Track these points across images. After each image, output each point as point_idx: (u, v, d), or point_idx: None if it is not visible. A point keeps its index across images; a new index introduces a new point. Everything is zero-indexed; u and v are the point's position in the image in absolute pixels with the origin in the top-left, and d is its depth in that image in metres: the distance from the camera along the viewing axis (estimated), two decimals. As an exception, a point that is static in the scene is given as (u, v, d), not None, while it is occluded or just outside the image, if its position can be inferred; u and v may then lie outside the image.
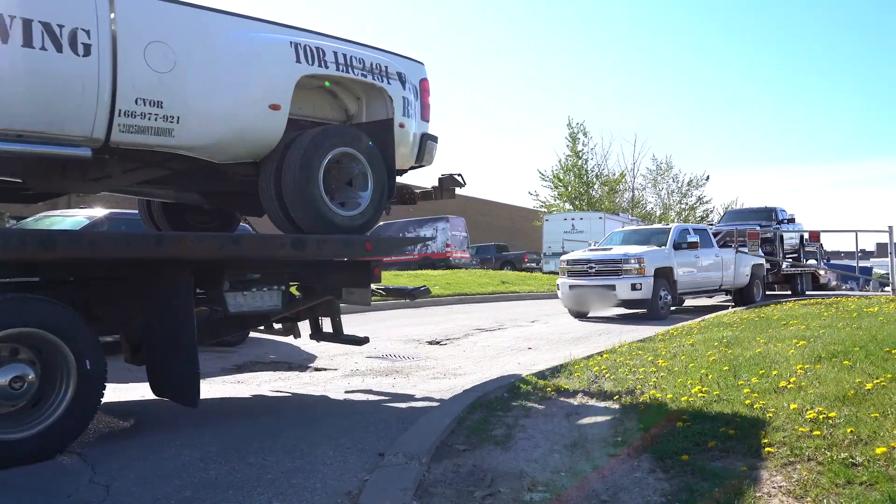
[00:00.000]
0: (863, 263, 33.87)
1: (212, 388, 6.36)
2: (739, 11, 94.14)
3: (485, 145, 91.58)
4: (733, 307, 14.07)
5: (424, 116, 6.23)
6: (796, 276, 20.76)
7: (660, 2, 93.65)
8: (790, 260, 20.84)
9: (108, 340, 5.62)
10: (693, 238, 13.96)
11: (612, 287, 12.55)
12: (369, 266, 5.71)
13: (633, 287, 12.40)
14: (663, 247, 13.65)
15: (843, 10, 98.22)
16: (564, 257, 14.16)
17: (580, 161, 36.90)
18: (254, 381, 6.74)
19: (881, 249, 41.68)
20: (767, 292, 20.69)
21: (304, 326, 6.60)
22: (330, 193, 5.17)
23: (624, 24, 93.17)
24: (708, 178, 41.30)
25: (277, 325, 6.48)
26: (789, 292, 20.37)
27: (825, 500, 2.93)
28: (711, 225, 22.52)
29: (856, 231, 21.49)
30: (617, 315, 13.54)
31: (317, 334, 6.52)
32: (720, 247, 15.88)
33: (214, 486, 3.58)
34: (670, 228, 14.51)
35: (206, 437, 4.53)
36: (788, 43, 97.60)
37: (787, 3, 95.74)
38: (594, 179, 37.70)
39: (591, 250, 14.38)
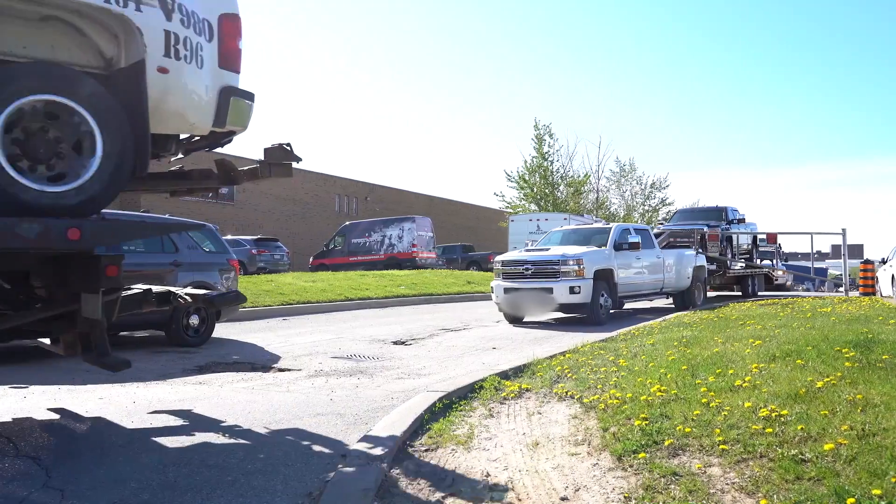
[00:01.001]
0: (818, 265, 34.80)
1: (172, 389, 6.28)
2: (703, 16, 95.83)
3: (452, 146, 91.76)
4: (678, 313, 13.04)
5: (227, 64, 4.73)
6: (747, 278, 20.35)
7: (625, 6, 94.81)
8: (743, 261, 20.52)
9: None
10: (634, 238, 13.30)
11: (550, 290, 11.84)
12: (98, 264, 4.27)
13: (572, 290, 11.71)
14: (603, 247, 12.96)
15: (802, 15, 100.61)
16: (499, 258, 13.30)
17: (546, 162, 37.21)
18: (216, 382, 6.67)
19: (836, 251, 42.81)
20: (718, 293, 20.27)
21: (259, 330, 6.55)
22: (28, 158, 3.79)
23: (590, 28, 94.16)
24: (668, 184, 41.89)
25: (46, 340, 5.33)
26: (740, 293, 20.06)
27: (775, 496, 3.01)
28: (665, 224, 22.16)
29: (811, 233, 22.07)
30: (553, 320, 12.96)
31: (72, 349, 5.03)
32: (663, 248, 15.47)
33: (173, 488, 3.55)
34: (610, 228, 13.81)
35: (164, 440, 4.48)
36: (751, 48, 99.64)
37: (748, 8, 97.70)
38: (559, 181, 38.04)
39: (528, 251, 13.61)
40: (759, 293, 20.71)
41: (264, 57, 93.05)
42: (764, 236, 23.22)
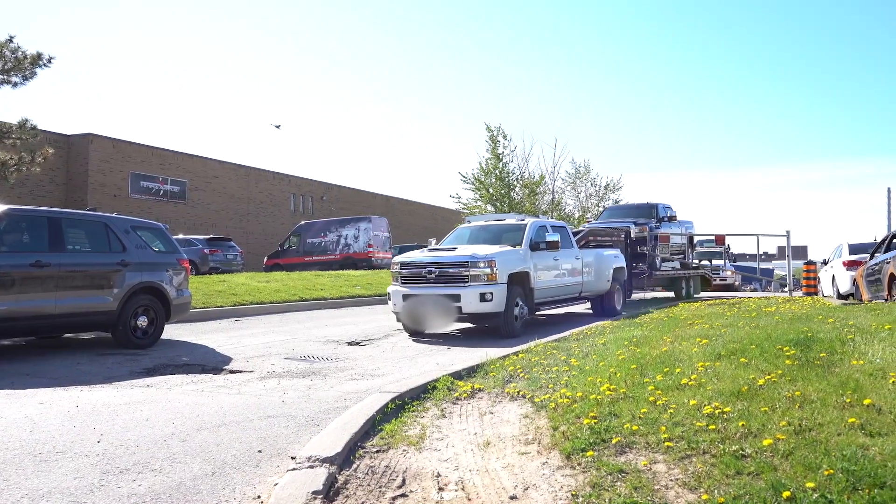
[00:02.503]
0: (765, 265, 35.83)
1: (118, 393, 6.13)
2: (655, 20, 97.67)
3: (409, 146, 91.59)
4: (598, 322, 11.25)
5: None
6: (680, 280, 19.17)
7: (578, 10, 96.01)
8: (677, 261, 19.52)
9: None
10: (552, 237, 11.67)
11: (456, 297, 10.04)
12: None
13: (483, 297, 9.98)
14: (518, 247, 11.23)
15: (751, 20, 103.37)
16: (397, 259, 11.23)
17: (501, 164, 37.41)
18: (164, 385, 6.54)
19: (782, 252, 44.15)
20: (649, 296, 19.18)
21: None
22: None
23: (545, 31, 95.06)
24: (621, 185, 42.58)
25: None
26: (672, 294, 19.17)
27: (716, 491, 3.10)
28: (592, 222, 20.80)
29: (757, 235, 22.72)
30: (459, 332, 11.25)
31: None
32: (582, 247, 14.28)
33: (115, 496, 3.47)
34: (525, 225, 11.91)
35: (106, 444, 4.37)
36: (702, 53, 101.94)
37: (699, 14, 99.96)
38: (515, 182, 38.31)
39: (431, 250, 11.41)
40: (696, 295, 19.76)
41: (221, 54, 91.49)
42: (713, 237, 23.74)
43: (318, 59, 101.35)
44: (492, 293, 10.03)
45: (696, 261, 21.98)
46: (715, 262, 27.19)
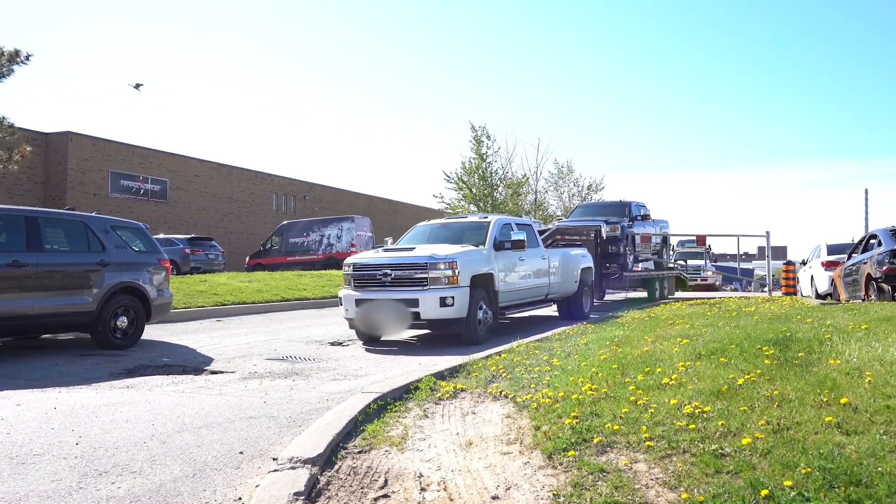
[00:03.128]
0: (745, 265, 36.20)
1: (97, 394, 6.07)
2: (637, 20, 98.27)
3: (391, 146, 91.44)
4: (565, 327, 10.44)
5: None
6: (654, 280, 18.49)
7: (561, 11, 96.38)
8: (652, 262, 19.07)
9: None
10: (518, 235, 10.80)
11: (414, 302, 9.22)
12: None
13: (443, 302, 9.17)
14: (481, 246, 10.39)
15: (732, 21, 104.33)
16: (349, 260, 10.23)
17: (484, 163, 37.49)
18: (145, 386, 6.49)
19: (762, 252, 44.63)
20: (623, 296, 18.63)
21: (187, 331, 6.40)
22: None
23: (525, 29, 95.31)
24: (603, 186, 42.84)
25: None
26: (645, 294, 18.56)
27: (695, 490, 3.13)
28: (563, 220, 19.94)
29: (738, 236, 22.98)
30: (416, 339, 10.33)
31: None
32: (548, 247, 13.52)
33: (95, 499, 3.43)
34: (489, 222, 11.05)
35: (85, 446, 4.32)
36: (683, 54, 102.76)
37: (679, 15, 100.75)
38: (498, 182, 38.41)
39: (387, 250, 10.47)
40: (670, 296, 19.19)
41: (202, 52, 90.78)
42: (694, 238, 23.93)
43: (300, 57, 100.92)
44: (453, 297, 9.21)
45: (672, 261, 21.56)
46: (697, 262, 27.42)
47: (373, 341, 9.89)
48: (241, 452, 4.21)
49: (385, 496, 3.44)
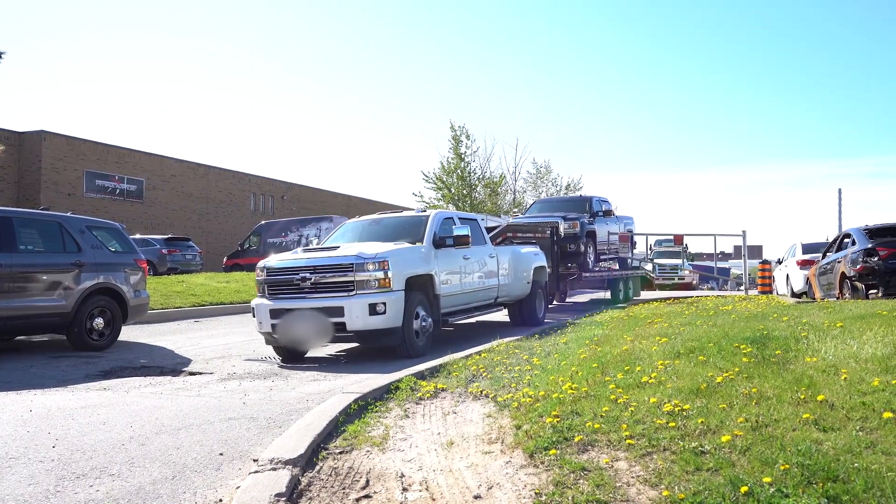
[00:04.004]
0: (721, 265, 36.62)
1: (74, 396, 5.98)
2: (613, 19, 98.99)
3: (370, 145, 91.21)
4: (513, 339, 8.80)
5: None
6: (617, 281, 17.61)
7: (538, 9, 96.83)
8: (615, 261, 18.19)
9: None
10: (461, 230, 9.49)
11: (338, 311, 7.75)
12: None
13: (373, 309, 7.77)
14: (419, 244, 9.04)
15: (709, 21, 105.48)
16: (262, 263, 8.62)
17: (463, 163, 37.56)
18: (122, 388, 6.41)
19: (738, 251, 45.18)
20: (586, 298, 17.97)
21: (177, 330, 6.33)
22: None
23: (504, 29, 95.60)
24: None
25: None
26: (609, 297, 17.60)
27: (676, 487, 3.15)
28: (519, 216, 18.58)
29: (714, 235, 23.23)
30: (342, 354, 8.81)
31: None
32: (497, 245, 12.31)
33: (72, 501, 3.38)
34: (427, 217, 9.73)
35: (62, 448, 4.26)
36: (660, 54, 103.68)
37: (657, 14, 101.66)
38: (477, 181, 38.49)
39: (308, 251, 8.82)
40: (635, 297, 18.50)
41: (179, 51, 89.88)
42: (671, 237, 24.15)
43: (279, 57, 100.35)
44: (384, 303, 7.82)
45: (638, 261, 20.92)
46: (674, 261, 27.64)
47: (294, 358, 8.38)
48: (222, 454, 4.17)
49: (367, 496, 3.42)
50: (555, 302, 17.23)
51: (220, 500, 3.39)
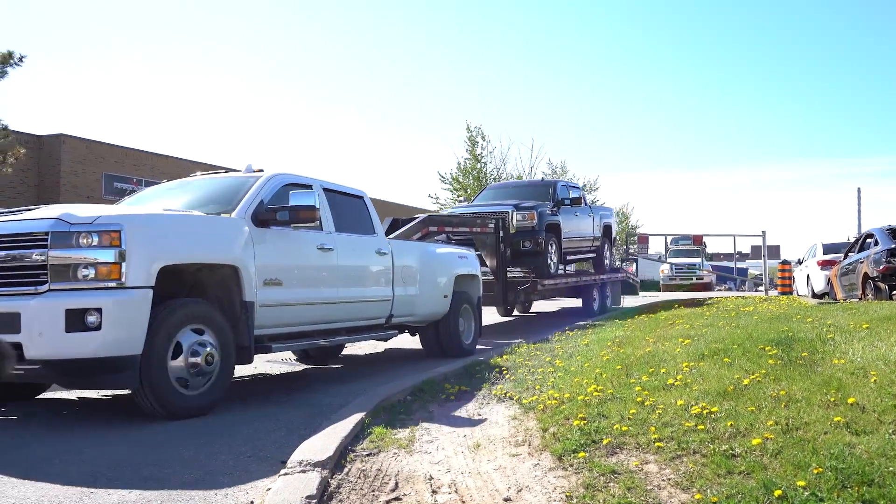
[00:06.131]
0: (740, 265, 36.38)
1: (100, 396, 6.04)
2: (631, 18, 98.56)
3: (385, 146, 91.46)
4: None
5: None
6: (591, 288, 14.31)
7: (554, 9, 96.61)
8: (588, 261, 15.39)
9: None
10: (304, 199, 5.91)
11: (10, 322, 4.48)
12: None
13: (78, 320, 4.50)
14: (226, 215, 5.71)
15: (727, 19, 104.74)
16: None
17: (479, 164, 37.57)
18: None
19: (755, 251, 44.83)
20: (554, 307, 15.51)
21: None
22: None
23: (519, 29, 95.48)
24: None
25: None
26: (580, 305, 14.46)
27: (708, 490, 3.13)
28: (465, 205, 15.14)
29: (733, 235, 23.10)
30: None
31: None
32: (419, 241, 9.07)
33: (105, 503, 3.42)
34: (256, 178, 6.23)
35: (92, 452, 4.30)
36: (678, 52, 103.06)
37: (676, 13, 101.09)
38: (493, 182, 38.49)
39: None
40: (615, 307, 15.51)
41: (199, 53, 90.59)
42: (687, 236, 23.98)
43: (295, 58, 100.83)
44: (102, 310, 4.50)
45: (618, 261, 18.38)
46: (692, 260, 27.41)
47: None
48: (249, 456, 4.19)
49: (397, 499, 3.43)
50: (515, 313, 15.15)
51: (252, 502, 3.41)
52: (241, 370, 7.54)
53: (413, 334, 8.45)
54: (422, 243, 8.91)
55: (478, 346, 9.01)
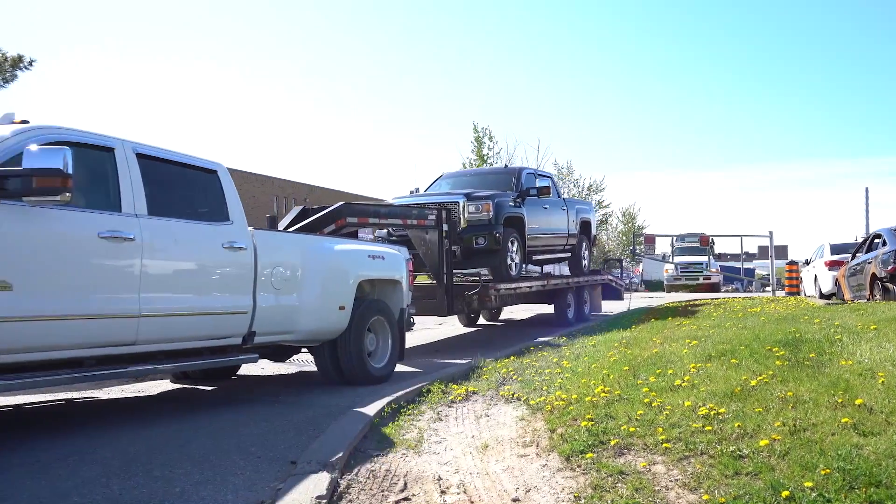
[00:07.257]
0: (747, 265, 36.28)
1: (109, 395, 6.09)
2: (637, 19, 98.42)
3: (392, 147, 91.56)
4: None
5: None
6: (564, 292, 12.37)
7: (559, 10, 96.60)
8: (565, 264, 13.76)
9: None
10: (47, 160, 3.89)
11: None
12: None
13: None
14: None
15: (731, 19, 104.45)
16: None
17: (486, 164, 37.56)
18: (155, 388, 6.51)
19: (762, 252, 44.67)
20: (528, 313, 13.81)
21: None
22: None
23: (523, 29, 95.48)
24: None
25: None
26: (553, 312, 12.47)
27: (716, 491, 3.15)
28: (410, 195, 11.84)
29: (741, 236, 23.03)
30: None
31: None
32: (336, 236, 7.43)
33: (118, 502, 3.45)
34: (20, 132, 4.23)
35: (105, 450, 4.34)
36: (682, 52, 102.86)
37: (680, 13, 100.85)
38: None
39: None
40: (594, 314, 13.89)
41: (206, 55, 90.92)
42: (693, 234, 23.91)
43: (299, 58, 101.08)
44: None
45: (600, 261, 16.78)
46: (698, 258, 27.27)
47: None
48: (259, 456, 4.22)
49: (406, 499, 3.46)
50: (482, 321, 13.39)
51: (262, 502, 3.44)
52: (249, 369, 7.57)
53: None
54: (308, 236, 6.92)
55: (402, 369, 7.26)
